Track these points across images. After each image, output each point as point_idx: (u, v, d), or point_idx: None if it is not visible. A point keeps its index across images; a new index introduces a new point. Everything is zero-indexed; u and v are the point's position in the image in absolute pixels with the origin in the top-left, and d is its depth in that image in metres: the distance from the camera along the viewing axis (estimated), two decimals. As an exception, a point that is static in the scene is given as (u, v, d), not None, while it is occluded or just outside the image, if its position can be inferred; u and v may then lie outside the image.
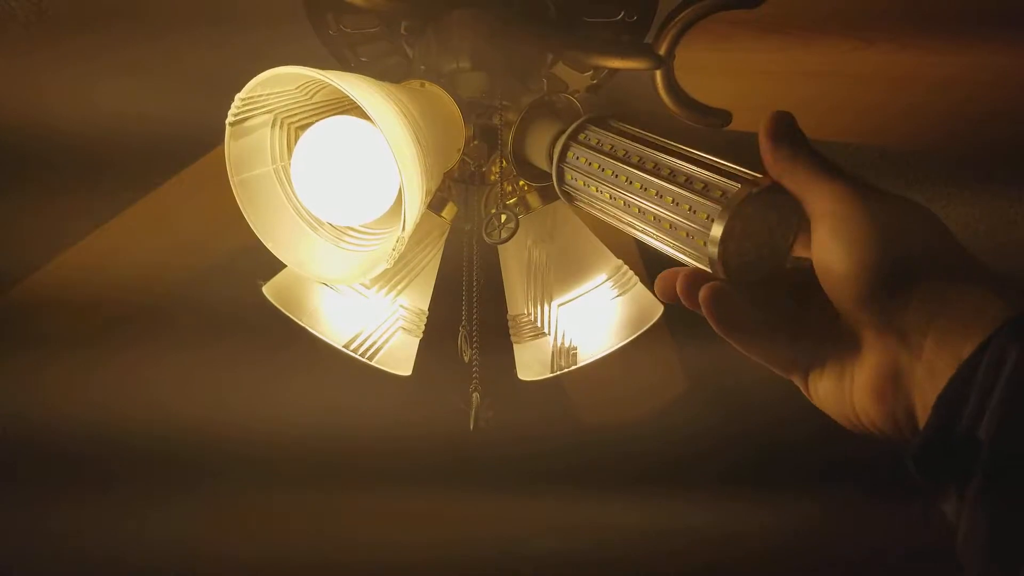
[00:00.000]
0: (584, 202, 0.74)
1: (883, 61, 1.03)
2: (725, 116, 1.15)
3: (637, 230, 0.68)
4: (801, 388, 0.59)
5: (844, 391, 0.55)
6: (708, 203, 0.60)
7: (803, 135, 0.57)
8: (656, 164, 0.66)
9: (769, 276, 0.61)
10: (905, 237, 0.52)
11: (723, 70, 1.12)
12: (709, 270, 0.61)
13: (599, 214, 0.73)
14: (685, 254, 0.63)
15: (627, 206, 0.68)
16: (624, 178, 0.68)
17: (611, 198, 0.69)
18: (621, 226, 0.70)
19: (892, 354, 0.52)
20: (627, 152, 0.69)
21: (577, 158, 0.74)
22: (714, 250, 0.59)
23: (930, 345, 0.50)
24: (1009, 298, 0.48)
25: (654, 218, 0.65)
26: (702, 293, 0.57)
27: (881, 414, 0.52)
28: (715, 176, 0.62)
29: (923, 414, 0.49)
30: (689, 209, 0.62)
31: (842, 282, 0.53)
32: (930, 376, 0.49)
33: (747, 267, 0.60)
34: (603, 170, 0.70)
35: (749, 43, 1.07)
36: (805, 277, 0.57)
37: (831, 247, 0.53)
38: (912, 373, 0.51)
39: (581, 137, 0.74)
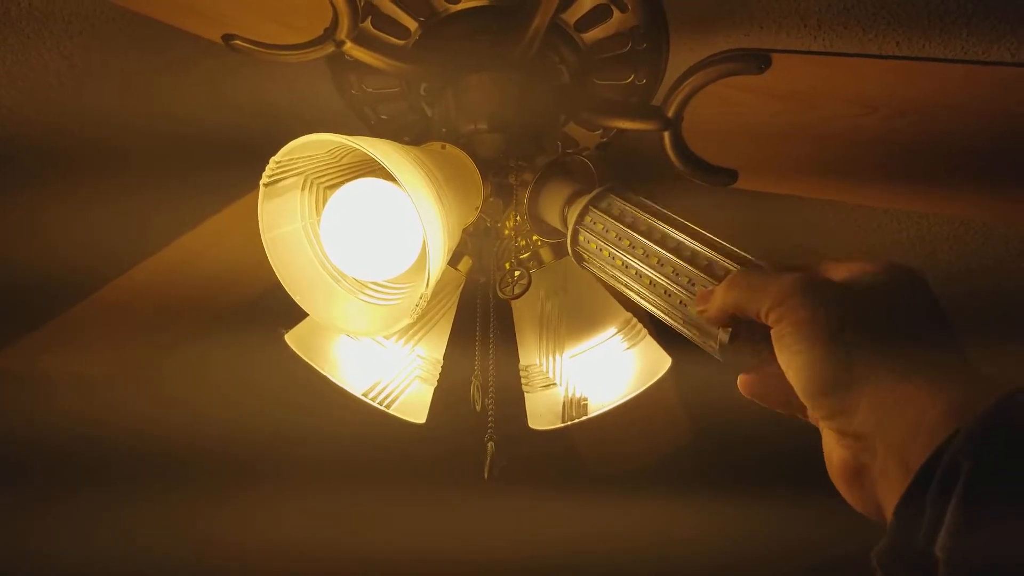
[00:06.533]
0: (594, 265, 0.78)
1: (885, 126, 1.07)
2: (731, 175, 1.20)
3: (643, 299, 0.72)
4: None
5: (829, 466, 0.56)
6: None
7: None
8: (679, 245, 0.70)
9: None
10: (849, 342, 0.52)
11: (728, 131, 1.16)
12: (709, 349, 0.65)
13: (605, 277, 0.77)
14: (688, 331, 0.67)
15: (638, 276, 0.72)
16: (641, 251, 0.72)
17: (623, 265, 0.73)
18: (626, 292, 0.74)
19: (853, 451, 0.53)
20: (650, 228, 0.73)
21: (594, 223, 0.77)
22: (724, 339, 0.63)
23: (881, 449, 0.51)
24: (952, 397, 0.49)
25: (664, 292, 0.69)
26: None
27: (855, 501, 0.54)
28: (732, 264, 0.66)
29: (887, 513, 0.50)
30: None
31: (794, 386, 0.54)
32: (884, 478, 0.51)
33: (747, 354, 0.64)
34: (620, 239, 0.74)
35: (754, 106, 1.11)
36: None
37: (779, 355, 0.55)
38: (872, 470, 0.52)
39: (603, 205, 0.78)
